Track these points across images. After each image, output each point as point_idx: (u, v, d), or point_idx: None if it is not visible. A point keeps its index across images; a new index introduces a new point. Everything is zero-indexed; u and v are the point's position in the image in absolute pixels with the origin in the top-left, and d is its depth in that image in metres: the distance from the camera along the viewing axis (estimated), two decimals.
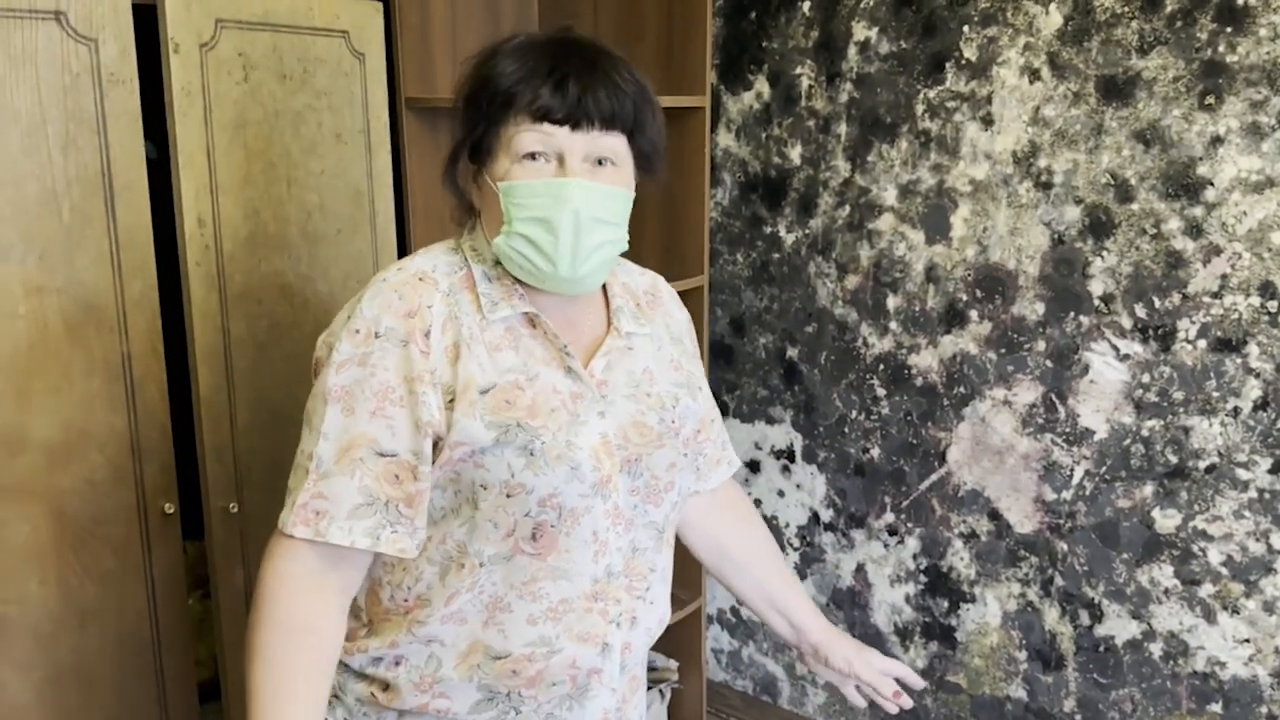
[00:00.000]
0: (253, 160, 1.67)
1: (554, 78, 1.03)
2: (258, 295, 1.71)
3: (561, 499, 1.06)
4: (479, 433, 1.03)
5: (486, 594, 1.08)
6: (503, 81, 1.04)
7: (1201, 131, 1.67)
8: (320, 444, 1.03)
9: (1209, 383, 1.73)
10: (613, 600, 1.12)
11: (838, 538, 2.23)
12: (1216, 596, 1.79)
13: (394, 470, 1.03)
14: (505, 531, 1.06)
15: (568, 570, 1.09)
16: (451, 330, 1.05)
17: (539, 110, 1.03)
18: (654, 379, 1.17)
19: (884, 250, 2.04)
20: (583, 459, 1.06)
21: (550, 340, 1.09)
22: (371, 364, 1.03)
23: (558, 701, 1.13)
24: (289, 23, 1.69)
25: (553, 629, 1.10)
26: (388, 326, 1.03)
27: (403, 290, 1.05)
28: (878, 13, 1.96)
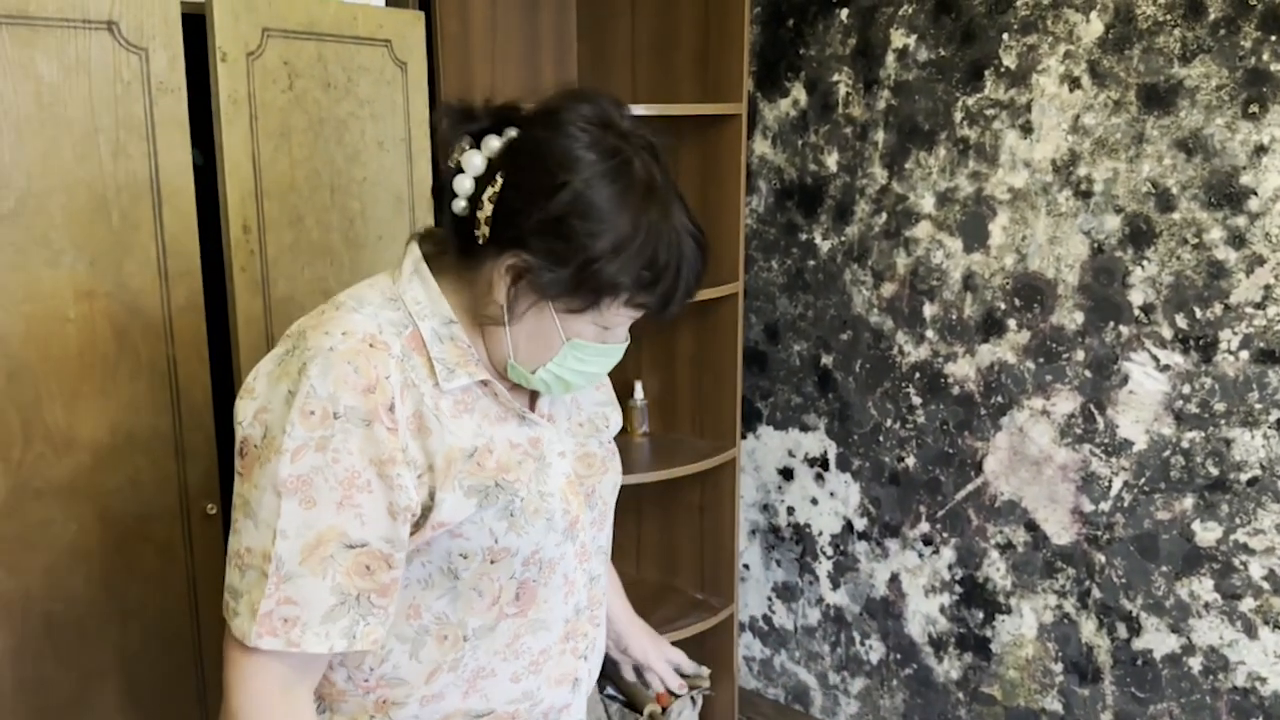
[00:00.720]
0: (297, 168, 1.69)
1: (664, 287, 0.98)
2: (301, 301, 1.73)
3: (542, 553, 1.03)
4: (460, 504, 0.96)
5: (469, 667, 1.04)
6: (635, 280, 0.96)
7: (1245, 140, 1.65)
8: (278, 543, 0.90)
9: (1251, 394, 1.71)
10: (580, 636, 1.12)
11: (872, 547, 2.22)
12: (1258, 611, 1.76)
13: (364, 561, 0.93)
14: (490, 600, 1.02)
15: (545, 620, 1.07)
16: (411, 400, 0.95)
17: (641, 307, 0.99)
18: (579, 405, 1.15)
19: (921, 258, 2.04)
20: (555, 506, 1.03)
21: (504, 403, 1.03)
22: (333, 448, 0.90)
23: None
24: (333, 32, 1.72)
25: (534, 681, 1.08)
26: (347, 405, 0.91)
27: (356, 361, 0.92)
28: (916, 20, 1.96)
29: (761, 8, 2.17)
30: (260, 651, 0.91)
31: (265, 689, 0.93)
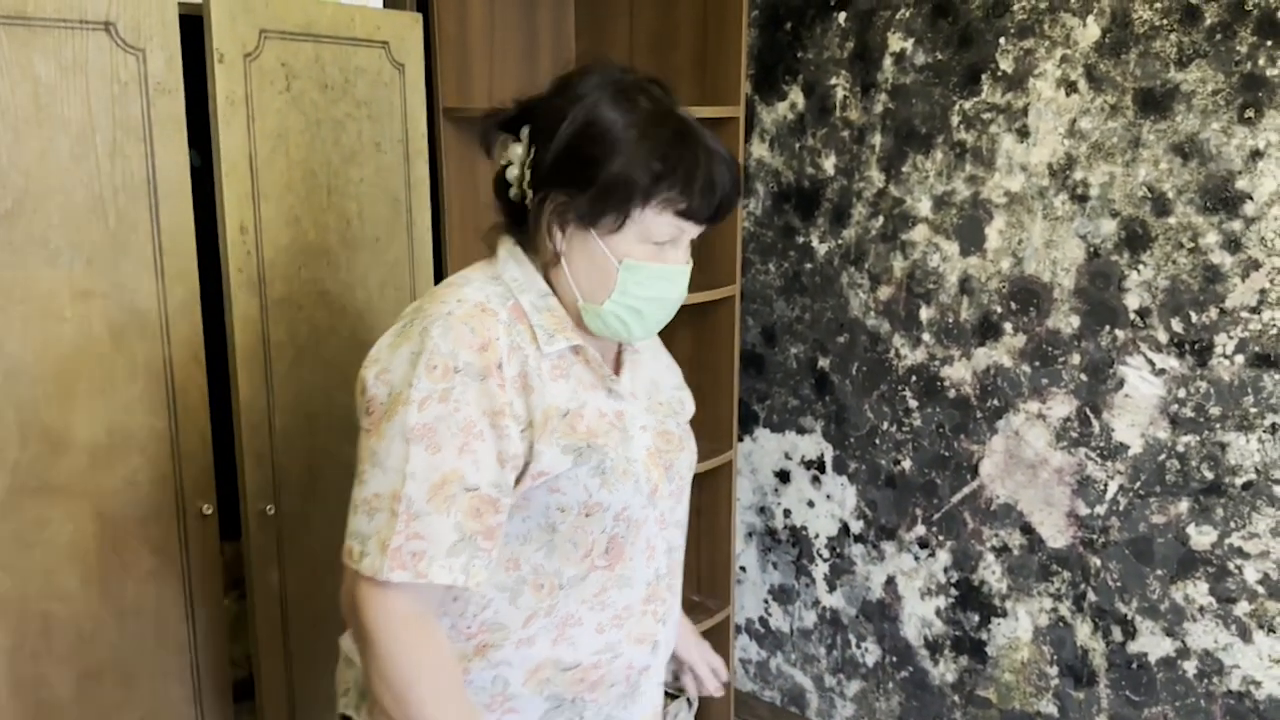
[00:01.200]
0: (294, 168, 1.70)
1: (701, 181, 1.06)
2: (298, 301, 1.74)
3: (630, 511, 1.11)
4: (558, 459, 1.05)
5: (560, 615, 1.11)
6: (645, 173, 1.04)
7: (1241, 145, 1.66)
8: (407, 484, 1.00)
9: (1246, 399, 1.71)
10: (659, 600, 1.19)
11: (868, 549, 2.22)
12: (1252, 615, 1.76)
13: (476, 504, 1.02)
14: (584, 551, 1.10)
15: (630, 578, 1.14)
16: (517, 360, 1.06)
17: (685, 211, 1.07)
18: (659, 387, 1.23)
19: (917, 261, 2.04)
20: (640, 471, 1.12)
21: (594, 368, 1.12)
22: (454, 399, 1.01)
23: (615, 702, 1.19)
24: (331, 33, 1.72)
25: (616, 635, 1.15)
26: (465, 361, 1.02)
27: (471, 323, 1.04)
28: (913, 24, 1.96)
29: (759, 11, 2.17)
30: (391, 585, 0.99)
31: (400, 618, 1.01)
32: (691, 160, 1.06)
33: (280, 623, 1.80)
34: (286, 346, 1.74)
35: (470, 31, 2.15)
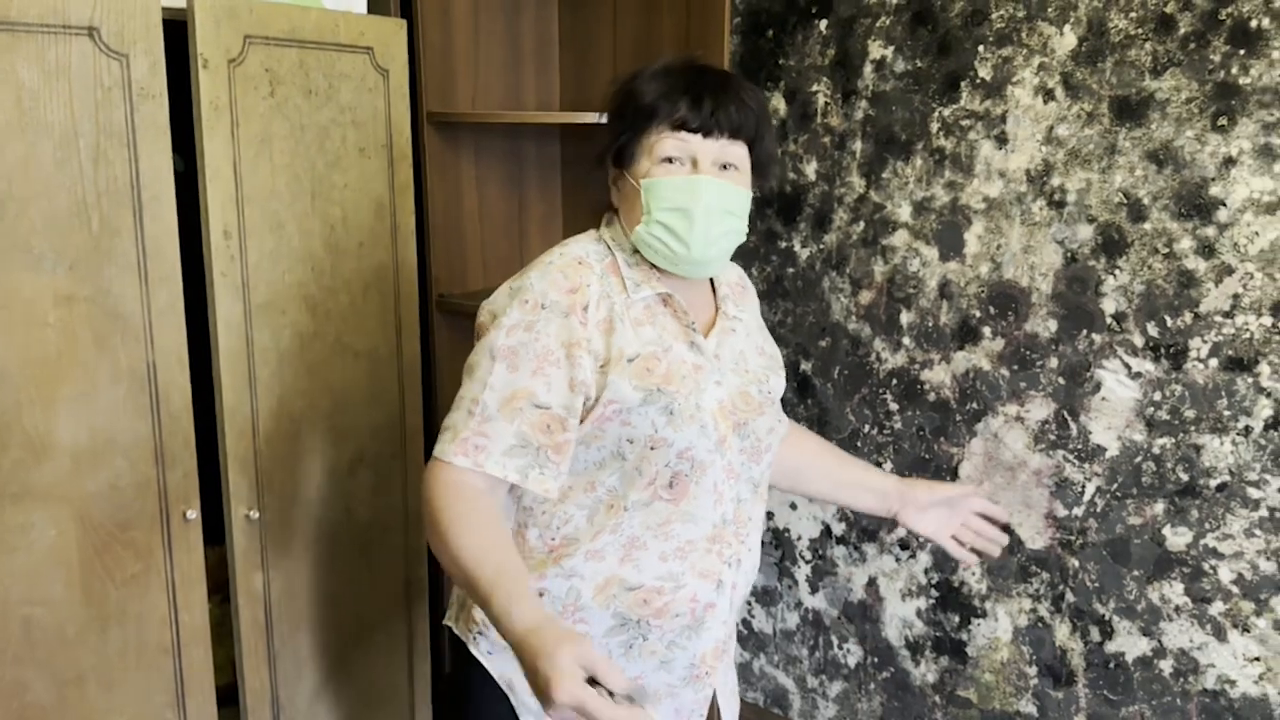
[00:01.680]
0: (278, 174, 1.70)
1: (691, 94, 1.22)
2: (281, 306, 1.74)
3: (694, 452, 1.24)
4: (628, 393, 1.21)
5: (625, 535, 1.26)
6: (646, 97, 1.24)
7: (1214, 152, 1.68)
8: (486, 393, 1.19)
9: (1220, 401, 1.74)
10: (726, 543, 1.30)
11: (849, 551, 2.24)
12: (1227, 614, 1.79)
13: (546, 421, 1.19)
14: (648, 479, 1.25)
15: (695, 515, 1.27)
16: (605, 306, 1.23)
17: (678, 121, 1.22)
18: (748, 359, 1.36)
19: (898, 266, 2.06)
20: (708, 419, 1.25)
21: (679, 317, 1.28)
22: (537, 330, 1.20)
23: (679, 631, 1.30)
24: (315, 39, 1.73)
25: (679, 565, 1.27)
26: (553, 300, 1.21)
27: (566, 270, 1.23)
28: (894, 32, 1.98)
29: (741, 18, 2.19)
30: (453, 466, 1.17)
31: (455, 487, 1.16)
32: (683, 80, 1.23)
33: (264, 628, 1.80)
34: (270, 351, 1.74)
35: (454, 37, 2.16)
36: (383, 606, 2.05)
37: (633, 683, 0.95)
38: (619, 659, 1.31)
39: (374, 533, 2.00)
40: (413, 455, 2.05)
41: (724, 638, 1.36)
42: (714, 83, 1.24)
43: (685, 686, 1.36)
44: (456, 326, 2.23)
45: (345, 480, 1.92)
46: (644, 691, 1.09)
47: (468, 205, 2.26)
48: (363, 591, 2.00)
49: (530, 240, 2.44)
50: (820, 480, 1.57)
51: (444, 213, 2.19)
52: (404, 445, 2.03)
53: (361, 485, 1.95)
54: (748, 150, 1.28)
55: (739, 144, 1.26)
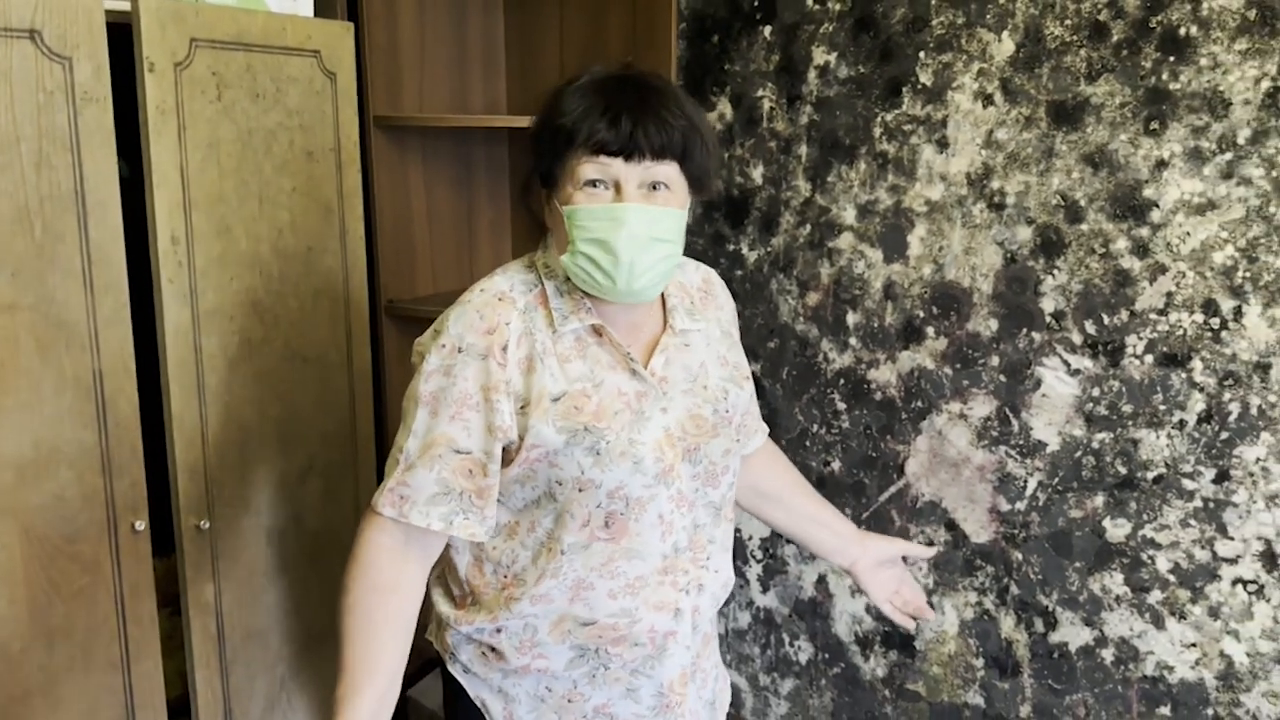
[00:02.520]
0: (225, 178, 1.68)
1: (609, 115, 1.15)
2: (229, 312, 1.72)
3: (627, 490, 1.21)
4: (551, 436, 1.18)
5: (570, 579, 1.24)
6: (565, 119, 1.17)
7: (1147, 155, 1.75)
8: (409, 440, 1.19)
9: (1156, 396, 1.80)
10: (681, 572, 1.28)
11: (799, 549, 2.27)
12: (1165, 603, 1.85)
13: (468, 466, 1.19)
14: (581, 522, 1.22)
15: (640, 550, 1.24)
16: (526, 345, 1.20)
17: (596, 144, 1.16)
18: (708, 373, 1.31)
19: (844, 268, 2.10)
20: (645, 454, 1.21)
21: (615, 348, 1.23)
22: (454, 375, 1.18)
23: (641, 660, 1.29)
24: (262, 42, 1.71)
25: (631, 601, 1.25)
26: (469, 343, 1.18)
27: (484, 310, 1.20)
28: (836, 38, 2.02)
29: (687, 23, 2.22)
30: (382, 516, 1.20)
31: (380, 542, 1.20)
32: (603, 99, 1.17)
33: (216, 639, 1.77)
34: (218, 358, 1.72)
35: (400, 40, 2.15)
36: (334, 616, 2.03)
37: None
38: (584, 688, 1.30)
39: (326, 541, 1.98)
40: (364, 463, 2.04)
41: (689, 663, 1.34)
42: (633, 101, 1.16)
43: (656, 716, 1.33)
44: (406, 332, 2.22)
45: (296, 489, 1.90)
46: None
47: (416, 210, 2.25)
48: (315, 600, 1.98)
49: (480, 245, 2.44)
50: (784, 512, 1.56)
51: (392, 217, 2.18)
52: (355, 453, 2.01)
53: (313, 493, 1.94)
54: (678, 167, 1.19)
55: (666, 163, 1.18)
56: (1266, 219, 1.67)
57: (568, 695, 1.31)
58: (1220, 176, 1.69)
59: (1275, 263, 1.68)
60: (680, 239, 1.22)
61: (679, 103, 1.20)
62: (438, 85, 2.26)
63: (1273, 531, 1.74)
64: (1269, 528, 1.74)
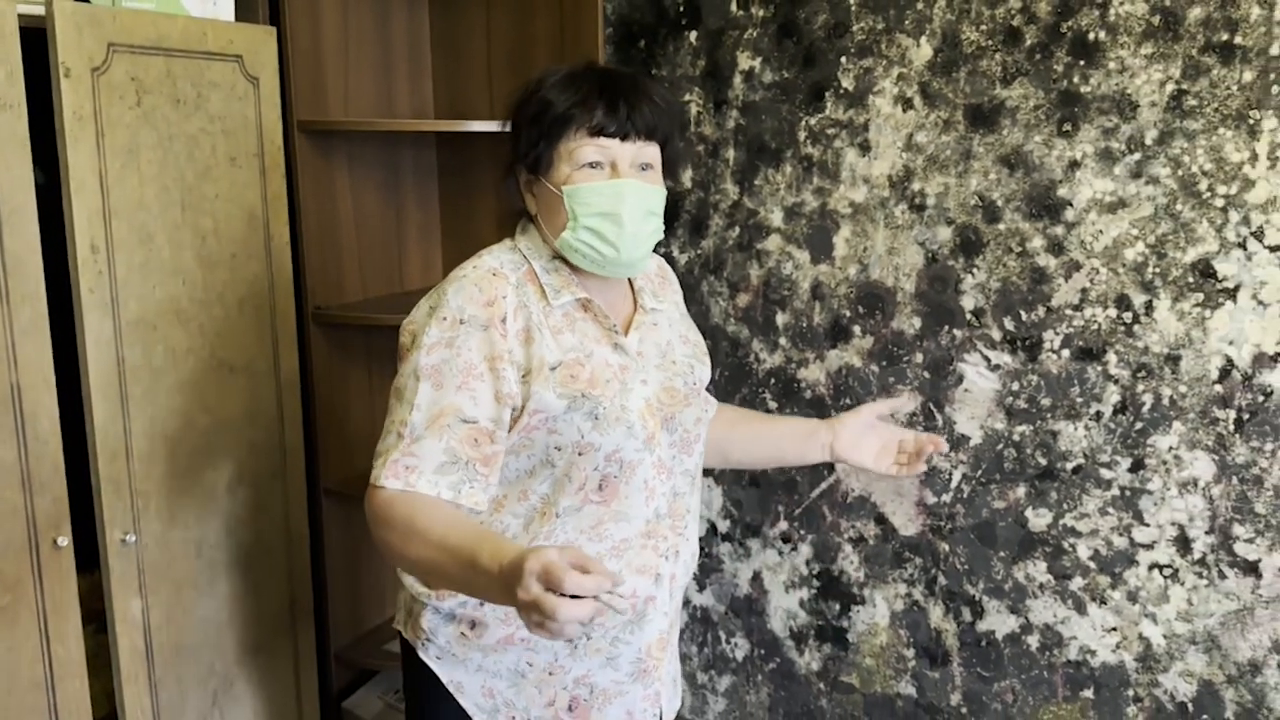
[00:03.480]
0: (146, 185, 1.65)
1: (605, 99, 1.25)
2: (153, 321, 1.69)
3: (622, 453, 1.27)
4: (552, 401, 1.23)
5: (560, 542, 1.28)
6: (560, 105, 1.25)
7: (1060, 156, 1.81)
8: (413, 414, 1.20)
9: (1073, 389, 1.86)
10: (661, 537, 1.34)
11: (734, 547, 2.30)
12: (1086, 589, 1.92)
13: (474, 435, 1.21)
14: (578, 485, 1.27)
15: (626, 514, 1.30)
16: (522, 317, 1.25)
17: (596, 127, 1.25)
18: (674, 349, 1.39)
19: (772, 270, 2.13)
20: (634, 420, 1.27)
21: (600, 321, 1.31)
22: (458, 346, 1.22)
23: (622, 626, 1.34)
24: (182, 47, 1.68)
25: (616, 564, 1.30)
26: (471, 314, 1.23)
27: (481, 284, 1.25)
28: (761, 44, 2.05)
29: (614, 28, 2.23)
30: (385, 489, 1.19)
31: (389, 508, 1.18)
32: (596, 85, 1.25)
33: (144, 655, 1.74)
34: (142, 369, 1.68)
35: (324, 44, 2.13)
36: (268, 629, 2.00)
37: (600, 576, 0.96)
38: (564, 660, 1.35)
39: (256, 553, 1.95)
40: (293, 472, 2.01)
41: (666, 628, 1.40)
42: (627, 86, 1.27)
43: (633, 683, 1.38)
44: (335, 339, 2.19)
45: (224, 500, 1.87)
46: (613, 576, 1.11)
47: (343, 215, 2.23)
48: (246, 614, 1.95)
49: (409, 250, 2.42)
50: (750, 443, 1.59)
51: (318, 223, 2.15)
52: (284, 462, 1.99)
53: (242, 505, 1.91)
54: (660, 150, 1.31)
55: (653, 144, 1.29)
56: (1174, 216, 1.74)
57: (549, 668, 1.35)
58: (1130, 176, 1.76)
59: (1183, 258, 1.75)
60: (662, 216, 1.33)
61: (661, 90, 1.32)
62: (363, 89, 2.24)
63: (1185, 517, 1.81)
64: (1182, 514, 1.81)
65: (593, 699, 1.37)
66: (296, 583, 2.05)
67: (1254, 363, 1.72)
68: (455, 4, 2.34)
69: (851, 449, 1.52)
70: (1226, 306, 1.72)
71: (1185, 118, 1.71)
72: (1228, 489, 1.77)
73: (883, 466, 1.52)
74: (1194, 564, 1.82)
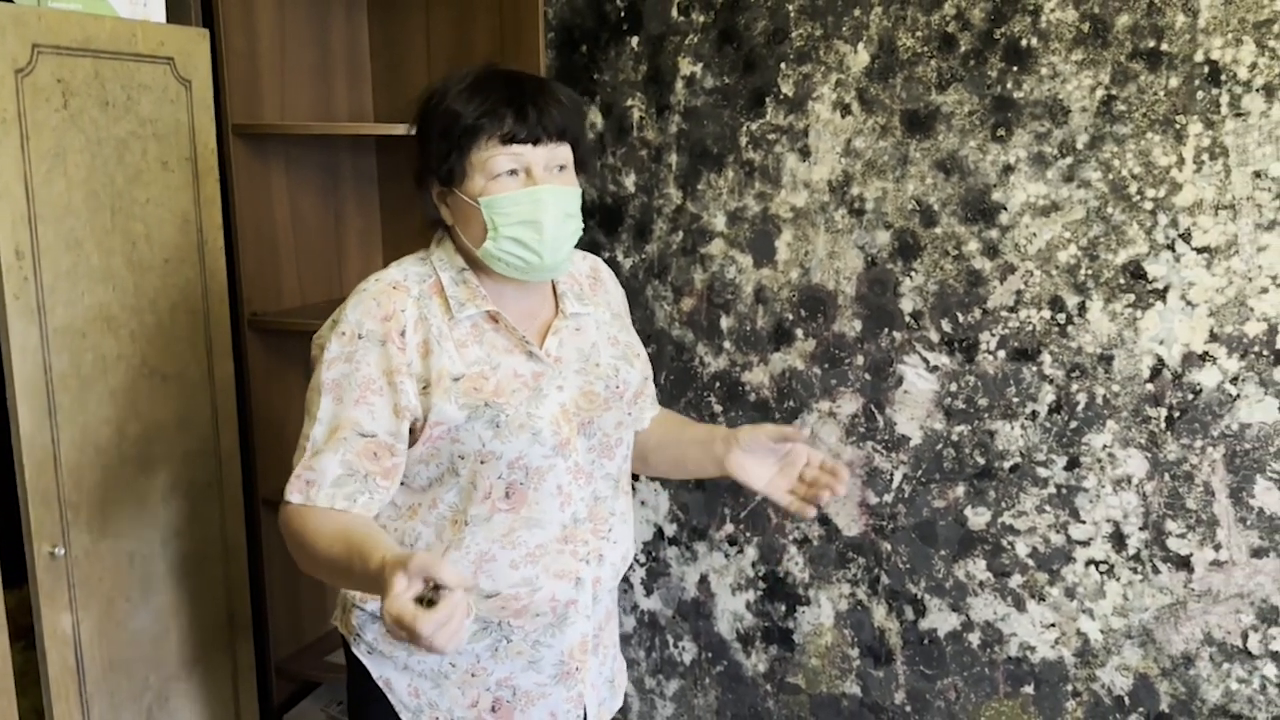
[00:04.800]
0: (74, 189, 1.61)
1: (513, 106, 1.24)
2: (81, 328, 1.65)
3: (526, 460, 1.27)
4: (453, 413, 1.23)
5: (473, 552, 1.28)
6: (467, 116, 1.23)
7: (994, 161, 1.84)
8: (315, 428, 1.23)
9: (1009, 389, 1.89)
10: (580, 542, 1.34)
11: (681, 551, 2.30)
12: (1025, 586, 1.95)
13: (373, 449, 1.23)
14: (484, 493, 1.27)
15: (539, 520, 1.30)
16: (422, 330, 1.25)
17: (507, 135, 1.24)
18: (599, 352, 1.38)
19: (716, 274, 2.14)
20: (543, 426, 1.27)
21: (510, 332, 1.30)
22: (356, 360, 1.23)
23: (542, 629, 1.34)
24: (111, 49, 1.64)
25: (532, 570, 1.30)
26: (369, 329, 1.24)
27: (380, 298, 1.25)
28: (702, 49, 2.06)
29: (555, 33, 2.23)
30: (291, 504, 1.23)
31: (295, 520, 1.22)
32: (503, 92, 1.24)
33: (75, 672, 1.69)
34: (70, 377, 1.64)
35: (260, 47, 2.10)
36: (205, 641, 1.96)
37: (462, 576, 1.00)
38: (486, 662, 1.35)
39: (192, 564, 1.91)
40: (229, 481, 1.97)
41: (590, 631, 1.39)
42: (533, 89, 1.26)
43: (556, 685, 1.38)
44: (272, 346, 2.16)
45: (158, 510, 1.83)
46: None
47: (280, 219, 2.20)
48: (182, 627, 1.90)
49: (349, 254, 2.39)
50: (661, 449, 1.52)
51: (254, 228, 2.12)
52: (219, 471, 1.95)
53: (176, 515, 1.87)
54: (571, 149, 1.31)
55: (564, 145, 1.29)
56: (1105, 219, 1.78)
57: (471, 670, 1.35)
58: (1062, 180, 1.79)
59: (1114, 260, 1.79)
60: (581, 215, 1.33)
61: (562, 89, 1.31)
62: (301, 93, 2.21)
63: (1120, 514, 1.85)
64: (1116, 510, 1.85)
65: (515, 700, 1.37)
66: (234, 594, 2.01)
67: (1183, 362, 1.76)
68: (395, 8, 2.32)
69: (739, 468, 1.40)
70: (1156, 307, 1.76)
71: (1115, 122, 1.74)
72: (1160, 485, 1.81)
73: (775, 492, 1.40)
74: (1129, 560, 1.85)
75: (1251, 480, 1.74)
